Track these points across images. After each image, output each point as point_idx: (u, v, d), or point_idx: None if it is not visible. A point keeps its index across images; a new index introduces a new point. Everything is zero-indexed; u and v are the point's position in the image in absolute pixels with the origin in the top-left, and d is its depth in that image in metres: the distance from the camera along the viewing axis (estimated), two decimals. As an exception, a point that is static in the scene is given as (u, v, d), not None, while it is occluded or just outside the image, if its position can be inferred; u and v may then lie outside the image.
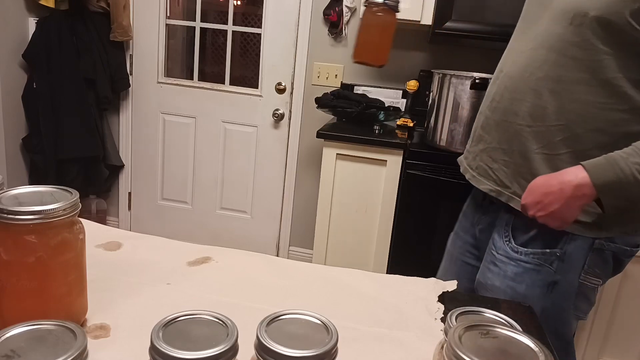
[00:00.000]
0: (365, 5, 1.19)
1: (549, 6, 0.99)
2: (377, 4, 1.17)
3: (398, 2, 1.20)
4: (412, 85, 2.32)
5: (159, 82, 2.88)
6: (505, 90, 1.04)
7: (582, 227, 0.99)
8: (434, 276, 0.87)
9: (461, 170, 1.19)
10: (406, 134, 2.24)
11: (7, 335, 0.39)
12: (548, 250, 1.02)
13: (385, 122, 2.35)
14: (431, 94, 2.08)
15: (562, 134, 0.97)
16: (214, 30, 2.84)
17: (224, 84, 2.82)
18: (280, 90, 2.74)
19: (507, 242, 1.07)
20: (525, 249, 1.04)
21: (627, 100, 0.92)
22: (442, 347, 0.46)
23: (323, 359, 0.39)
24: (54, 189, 0.59)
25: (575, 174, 0.92)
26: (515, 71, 1.03)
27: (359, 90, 2.57)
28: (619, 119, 0.93)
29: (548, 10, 0.99)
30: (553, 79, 0.96)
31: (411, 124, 2.33)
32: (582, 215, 0.97)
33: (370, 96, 2.46)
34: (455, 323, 0.50)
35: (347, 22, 2.59)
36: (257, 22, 2.75)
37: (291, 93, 2.74)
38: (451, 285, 0.81)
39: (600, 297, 1.98)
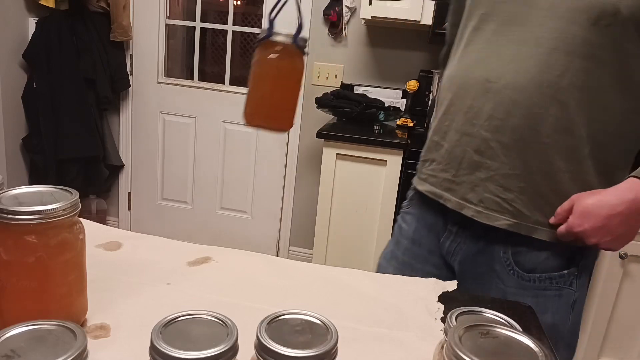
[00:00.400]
0: (258, 46, 0.84)
1: (537, 4, 0.85)
2: (277, 44, 0.84)
3: (307, 41, 0.87)
4: (412, 85, 2.32)
5: (159, 82, 2.88)
6: (512, 105, 0.85)
7: None
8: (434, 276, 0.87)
9: (449, 205, 0.94)
10: (406, 134, 2.24)
11: (7, 335, 0.39)
12: (566, 272, 0.91)
13: (385, 122, 2.35)
14: (431, 94, 2.08)
15: (589, 145, 0.86)
16: (214, 30, 2.84)
17: (224, 84, 2.82)
18: (280, 90, 2.74)
19: (511, 272, 0.92)
20: (539, 275, 0.91)
21: None
22: (442, 347, 0.46)
23: (323, 359, 0.39)
24: (54, 189, 0.59)
25: (638, 189, 0.81)
26: (524, 82, 0.84)
27: (359, 90, 2.57)
28: None
29: (539, 9, 0.85)
30: (579, 87, 0.83)
31: (411, 124, 2.33)
32: None
33: (370, 96, 2.46)
34: (455, 323, 0.50)
35: (347, 22, 2.59)
36: (257, 22, 2.75)
37: (291, 93, 2.73)
38: (451, 285, 0.81)
39: (601, 297, 1.98)
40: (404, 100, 2.52)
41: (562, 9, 0.83)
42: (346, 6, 2.55)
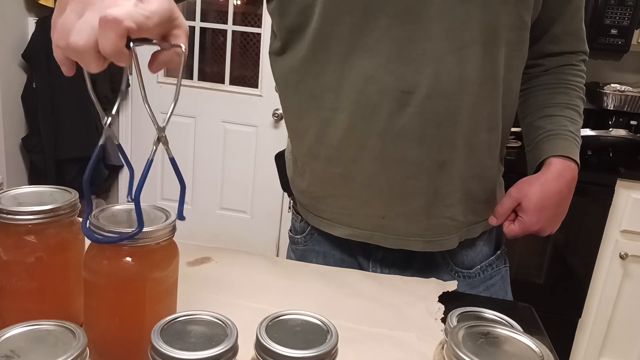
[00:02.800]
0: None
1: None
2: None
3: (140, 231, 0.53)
4: (412, 85, 2.32)
5: (158, 82, 2.88)
6: (442, 115, 0.72)
7: None
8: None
9: (386, 244, 0.83)
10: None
11: (7, 335, 0.39)
12: (499, 251, 0.90)
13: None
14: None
15: (502, 134, 0.82)
16: (213, 30, 2.84)
17: (223, 83, 2.82)
18: (280, 90, 2.74)
19: (456, 274, 0.87)
20: (480, 266, 0.88)
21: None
22: (442, 347, 0.46)
23: (323, 359, 0.39)
24: (54, 189, 0.59)
25: (570, 168, 0.79)
26: (448, 86, 0.70)
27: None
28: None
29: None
30: (503, 79, 0.75)
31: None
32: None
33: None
34: (455, 323, 0.50)
35: (347, 22, 2.59)
36: (257, 22, 2.75)
37: (291, 93, 2.73)
38: (451, 286, 0.81)
39: (601, 297, 1.98)
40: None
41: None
42: (346, 6, 2.54)
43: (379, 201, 0.79)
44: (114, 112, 0.58)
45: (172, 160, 0.58)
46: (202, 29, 2.81)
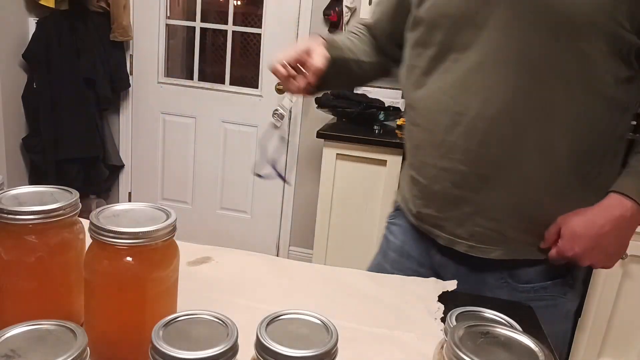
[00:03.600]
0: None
1: (492, 26, 0.77)
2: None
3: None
4: (412, 85, 2.32)
5: (159, 82, 2.88)
6: (486, 136, 0.81)
7: None
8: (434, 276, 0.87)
9: (441, 242, 0.90)
10: (406, 134, 2.24)
11: (7, 335, 0.39)
12: (559, 280, 0.89)
13: (385, 122, 2.35)
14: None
15: (568, 160, 0.81)
16: (214, 30, 2.84)
17: (224, 84, 2.82)
18: (280, 90, 2.74)
19: (504, 283, 0.90)
20: (533, 285, 0.89)
21: (619, 102, 0.80)
22: (442, 347, 0.46)
23: (323, 359, 0.39)
24: (54, 189, 0.59)
25: (622, 206, 0.80)
26: (494, 111, 0.79)
27: (359, 90, 2.57)
28: (614, 123, 0.82)
29: (495, 29, 0.77)
30: (551, 105, 0.78)
31: (411, 124, 2.33)
32: None
33: (370, 96, 2.46)
34: (455, 323, 0.50)
35: (347, 22, 2.59)
36: (257, 22, 2.75)
37: (291, 93, 2.73)
38: (451, 285, 0.81)
39: (601, 297, 1.98)
40: (404, 100, 2.52)
41: (518, 27, 0.76)
42: (346, 6, 2.55)
43: (434, 203, 0.90)
44: None
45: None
46: (203, 29, 2.81)
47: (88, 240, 0.53)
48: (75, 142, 2.65)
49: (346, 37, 1.06)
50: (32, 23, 2.61)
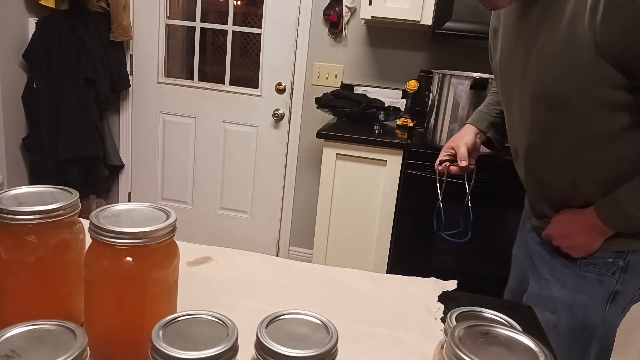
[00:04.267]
0: None
1: (515, 101, 1.06)
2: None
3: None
4: (412, 85, 2.32)
5: (159, 82, 2.88)
6: (526, 166, 1.12)
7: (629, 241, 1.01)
8: (435, 276, 0.87)
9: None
10: (406, 134, 2.24)
11: (7, 335, 0.39)
12: (610, 260, 1.01)
13: (385, 122, 2.35)
14: (431, 94, 2.08)
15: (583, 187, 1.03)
16: (214, 30, 2.84)
17: (224, 84, 2.82)
18: (280, 90, 2.74)
19: (562, 255, 1.06)
20: (585, 260, 1.03)
21: (622, 143, 0.96)
22: (442, 347, 0.46)
23: (323, 359, 0.39)
24: (54, 189, 0.59)
25: (593, 218, 1.00)
26: (525, 151, 1.10)
27: (359, 90, 2.57)
28: (620, 156, 0.98)
29: (515, 102, 1.07)
30: (557, 150, 1.03)
31: (411, 124, 2.33)
32: None
33: (370, 96, 2.46)
34: (455, 323, 0.50)
35: (347, 22, 2.59)
36: (257, 22, 2.75)
37: (291, 93, 2.74)
38: (451, 285, 0.81)
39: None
40: (404, 100, 2.52)
41: (527, 103, 1.02)
42: (346, 6, 2.55)
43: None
44: None
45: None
46: (203, 29, 2.81)
47: (88, 240, 0.53)
48: (75, 142, 2.65)
49: (487, 102, 1.37)
50: (32, 23, 2.61)
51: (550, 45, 0.93)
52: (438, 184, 1.36)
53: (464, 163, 1.27)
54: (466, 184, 1.36)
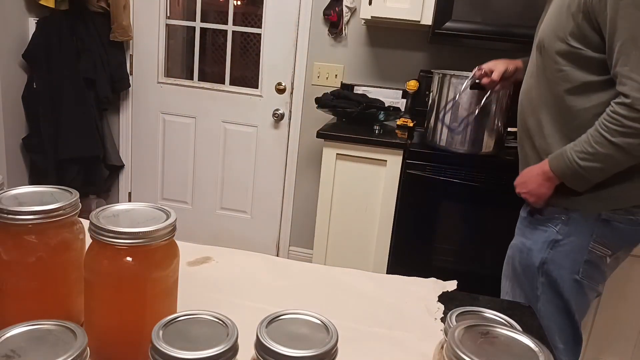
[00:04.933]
0: None
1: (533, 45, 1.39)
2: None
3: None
4: (412, 85, 2.32)
5: (159, 82, 2.88)
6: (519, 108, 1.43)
7: (580, 201, 1.28)
8: (435, 276, 0.87)
9: None
10: (406, 134, 2.24)
11: (7, 335, 0.39)
12: (556, 216, 1.32)
13: (385, 122, 2.35)
14: (431, 94, 2.08)
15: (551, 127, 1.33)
16: (214, 30, 2.84)
17: (224, 84, 2.82)
18: (280, 90, 2.74)
19: (529, 211, 1.39)
20: (540, 215, 1.35)
21: (591, 100, 1.24)
22: (442, 347, 0.46)
23: (323, 359, 0.39)
24: (54, 189, 0.59)
25: (545, 164, 1.29)
26: (523, 96, 1.41)
27: (359, 90, 2.57)
28: (581, 108, 1.25)
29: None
30: (538, 95, 1.33)
31: (411, 124, 2.33)
32: (578, 193, 1.28)
33: (370, 96, 2.46)
34: (455, 323, 0.50)
35: (347, 22, 2.59)
36: (257, 22, 2.75)
37: (291, 93, 2.74)
38: (451, 286, 0.81)
39: (601, 297, 1.98)
40: (404, 100, 2.52)
41: (533, 54, 1.37)
42: (346, 6, 2.55)
43: None
44: None
45: None
46: (202, 29, 2.81)
47: (88, 240, 0.53)
48: (75, 142, 2.65)
49: None
50: (32, 23, 2.61)
51: (554, 3, 1.28)
52: (470, 80, 1.74)
53: (495, 77, 1.59)
54: (485, 96, 1.73)
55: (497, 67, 1.58)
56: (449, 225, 2.05)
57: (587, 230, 1.27)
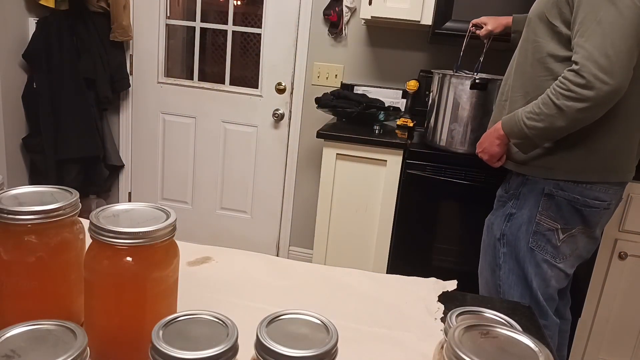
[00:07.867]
0: None
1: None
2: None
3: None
4: (412, 85, 2.32)
5: (159, 82, 2.88)
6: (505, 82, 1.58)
7: (520, 165, 1.47)
8: (435, 276, 0.87)
9: None
10: (406, 134, 2.24)
11: (7, 335, 0.39)
12: (511, 192, 1.52)
13: (385, 122, 2.35)
14: (431, 94, 2.08)
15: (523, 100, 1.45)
16: (214, 30, 2.84)
17: (224, 84, 2.82)
18: (280, 90, 2.74)
19: (498, 192, 1.63)
20: (504, 193, 1.57)
21: (551, 72, 1.38)
22: (442, 347, 0.46)
23: (323, 359, 0.39)
24: (54, 189, 0.59)
25: (499, 124, 1.46)
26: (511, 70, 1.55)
27: (359, 90, 2.57)
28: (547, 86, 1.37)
29: None
30: (521, 63, 1.47)
31: (411, 124, 2.33)
32: (519, 159, 1.47)
33: (370, 96, 2.46)
34: (455, 323, 0.50)
35: (347, 22, 2.59)
36: (257, 22, 2.75)
37: (291, 93, 2.74)
38: (451, 285, 0.81)
39: (601, 297, 1.98)
40: (404, 100, 2.52)
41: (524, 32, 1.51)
42: (346, 6, 2.55)
43: None
44: None
45: None
46: (202, 29, 2.81)
47: (88, 240, 0.53)
48: (75, 142, 2.65)
49: None
50: (32, 23, 2.61)
51: None
52: (467, 36, 1.90)
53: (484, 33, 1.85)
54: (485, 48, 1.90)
55: (489, 22, 1.84)
56: (449, 225, 2.05)
57: (534, 204, 1.44)
